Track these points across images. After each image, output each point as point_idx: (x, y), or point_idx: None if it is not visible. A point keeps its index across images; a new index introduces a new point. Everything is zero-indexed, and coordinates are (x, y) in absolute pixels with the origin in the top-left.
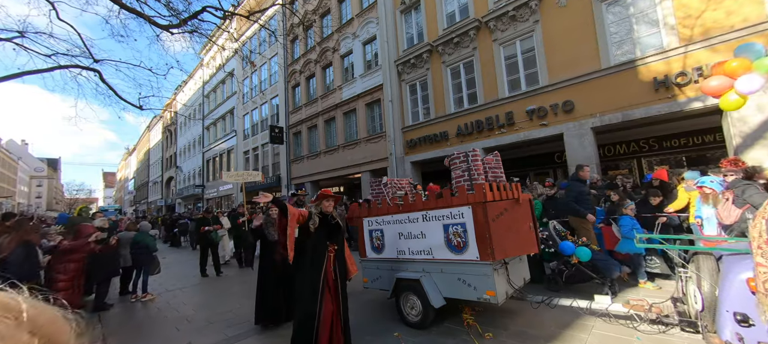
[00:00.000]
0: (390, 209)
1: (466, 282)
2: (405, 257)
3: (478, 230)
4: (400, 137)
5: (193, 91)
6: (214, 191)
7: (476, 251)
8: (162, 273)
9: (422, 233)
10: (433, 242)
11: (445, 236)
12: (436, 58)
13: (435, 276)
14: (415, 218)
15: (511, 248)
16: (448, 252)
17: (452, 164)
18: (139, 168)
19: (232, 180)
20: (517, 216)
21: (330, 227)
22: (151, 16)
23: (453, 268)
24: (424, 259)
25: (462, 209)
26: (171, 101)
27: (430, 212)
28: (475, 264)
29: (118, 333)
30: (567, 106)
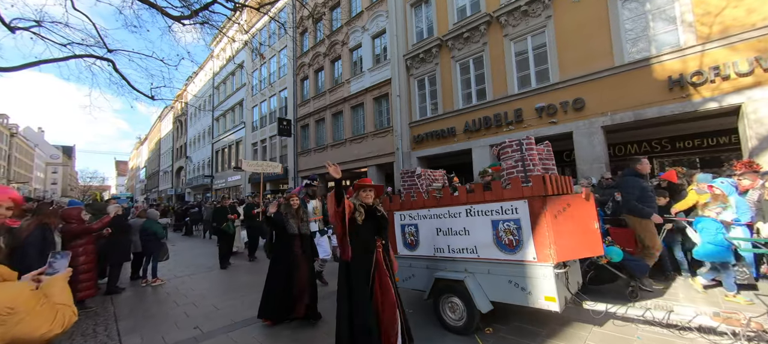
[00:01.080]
0: (427, 202)
1: (518, 286)
2: (444, 255)
3: (536, 227)
4: (408, 132)
5: (204, 82)
6: (223, 181)
7: (533, 251)
8: (172, 259)
9: (465, 230)
10: (479, 240)
11: (494, 233)
12: (445, 53)
13: (480, 277)
14: (456, 213)
15: (574, 249)
16: (497, 251)
17: (503, 153)
18: (151, 157)
19: (251, 169)
20: (582, 213)
21: (376, 219)
22: (163, 7)
23: (503, 269)
24: (467, 258)
25: (516, 203)
26: (182, 91)
27: (476, 206)
28: (531, 265)
29: (129, 316)
30: (577, 104)
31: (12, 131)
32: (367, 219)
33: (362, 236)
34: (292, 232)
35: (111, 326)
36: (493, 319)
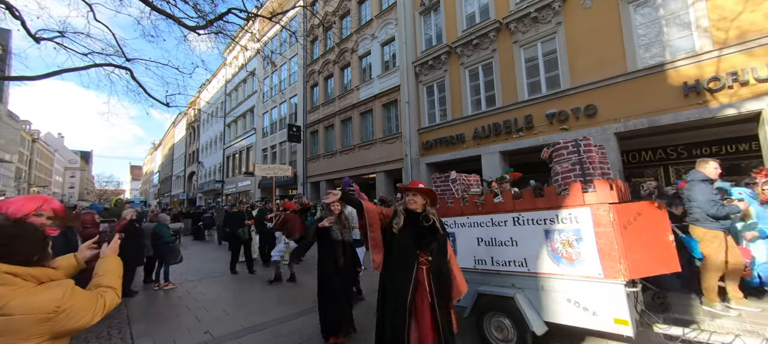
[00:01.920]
0: (465, 208)
1: (580, 305)
2: (486, 267)
3: (601, 239)
4: (416, 139)
5: (216, 89)
6: (233, 186)
7: (598, 266)
8: (184, 264)
9: (513, 240)
10: (530, 252)
11: (549, 244)
12: (454, 59)
13: (532, 293)
14: (501, 221)
15: (648, 265)
16: (553, 265)
17: (557, 155)
18: (164, 162)
19: (263, 173)
20: (655, 223)
21: (419, 229)
22: (179, 18)
23: (559, 285)
24: (514, 271)
25: (576, 211)
26: (195, 98)
27: (525, 214)
28: (596, 282)
29: (142, 320)
30: (589, 110)
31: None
32: (406, 228)
33: (397, 249)
34: (335, 238)
35: (124, 329)
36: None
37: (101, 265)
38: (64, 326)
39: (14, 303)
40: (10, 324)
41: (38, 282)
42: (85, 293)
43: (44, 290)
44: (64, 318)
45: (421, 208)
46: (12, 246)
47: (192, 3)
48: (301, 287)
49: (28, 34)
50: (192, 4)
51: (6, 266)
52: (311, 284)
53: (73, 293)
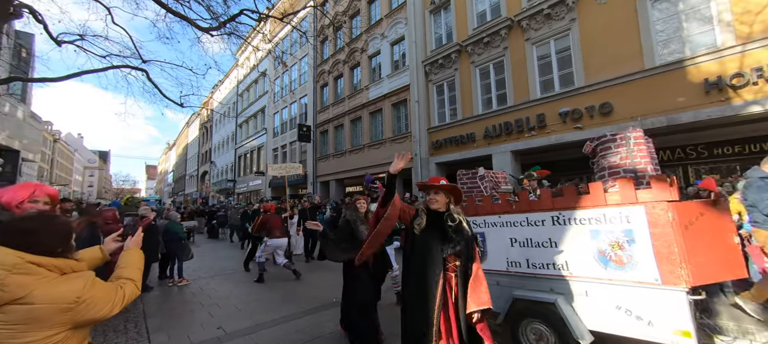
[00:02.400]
0: (496, 207)
1: (632, 313)
2: (522, 270)
3: (659, 241)
4: (426, 138)
5: (228, 90)
6: (244, 185)
7: (655, 270)
8: (197, 261)
9: (552, 241)
10: (572, 254)
11: (595, 246)
12: (464, 58)
13: (573, 298)
14: (538, 221)
15: (713, 270)
16: (600, 269)
17: (603, 149)
18: (178, 162)
19: (275, 172)
20: (719, 224)
21: (444, 230)
22: (193, 20)
23: (608, 291)
24: (554, 275)
25: (627, 210)
26: (208, 99)
27: (567, 213)
28: (652, 288)
29: (157, 314)
30: (605, 108)
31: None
32: (430, 229)
33: (420, 252)
34: (361, 239)
35: (140, 323)
36: None
37: (123, 258)
38: (85, 316)
39: (37, 293)
40: (33, 312)
41: (61, 272)
42: (105, 284)
43: (66, 281)
44: (85, 309)
45: (445, 207)
46: (37, 237)
47: (205, 4)
48: (308, 285)
49: (51, 38)
50: (205, 6)
51: (30, 256)
52: (318, 282)
53: (94, 284)
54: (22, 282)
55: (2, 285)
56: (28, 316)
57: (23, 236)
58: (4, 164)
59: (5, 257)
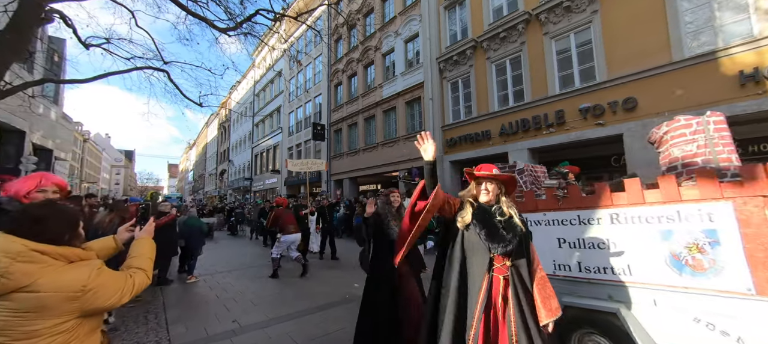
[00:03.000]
0: (540, 204)
1: (715, 328)
2: (571, 274)
3: (752, 243)
4: (440, 136)
5: (245, 90)
6: (261, 183)
7: (748, 277)
8: (216, 256)
9: (609, 242)
10: (635, 257)
11: (667, 248)
12: (480, 54)
13: (638, 308)
14: (591, 219)
15: None
16: (673, 275)
17: (675, 136)
18: (198, 161)
19: (296, 168)
20: None
21: (493, 226)
22: (211, 21)
23: (683, 301)
24: (612, 281)
25: (709, 206)
26: (226, 99)
27: (629, 210)
28: (743, 299)
29: (176, 306)
30: (628, 103)
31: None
32: (476, 224)
33: (461, 250)
34: (394, 238)
35: (160, 315)
36: None
37: (134, 247)
38: (92, 304)
39: (42, 281)
40: (40, 300)
41: (68, 261)
42: (113, 273)
43: (72, 269)
44: (92, 297)
45: (495, 198)
46: (45, 224)
47: (223, 6)
48: (321, 281)
49: (79, 41)
50: (223, 7)
51: (34, 244)
52: (330, 279)
53: (100, 273)
54: (27, 270)
55: (7, 274)
56: (36, 304)
57: (31, 224)
58: (39, 162)
59: (10, 245)
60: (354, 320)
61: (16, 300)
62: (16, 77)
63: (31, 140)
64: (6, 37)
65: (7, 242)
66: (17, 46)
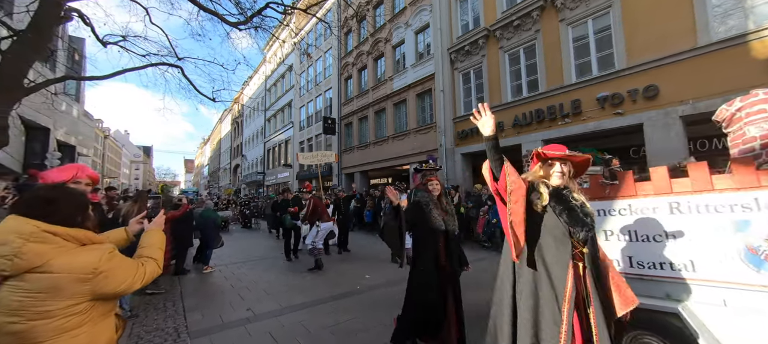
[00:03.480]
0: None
1: None
2: (619, 269)
3: None
4: (451, 128)
5: (257, 85)
6: (273, 178)
7: None
8: (231, 248)
9: (667, 234)
10: (700, 251)
11: (742, 241)
12: (492, 43)
13: (703, 308)
14: (646, 208)
15: None
16: (748, 271)
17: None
18: (212, 156)
19: (307, 161)
20: None
21: (571, 209)
22: (222, 15)
23: (761, 301)
24: (671, 277)
25: None
26: (239, 95)
27: (693, 198)
28: None
29: (193, 295)
30: (650, 91)
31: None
32: (554, 207)
33: (541, 236)
34: (437, 227)
35: (178, 302)
36: None
37: (145, 238)
38: (104, 288)
39: (55, 262)
40: (53, 281)
41: (80, 243)
42: (125, 259)
43: (84, 251)
44: (103, 280)
45: (566, 182)
46: (56, 206)
47: (234, 0)
48: (334, 273)
49: (97, 39)
50: (234, 2)
51: (46, 225)
52: (344, 270)
53: (112, 257)
54: (39, 250)
55: (20, 254)
56: (48, 285)
57: (43, 205)
58: (62, 158)
59: (23, 226)
60: (365, 310)
61: (30, 280)
62: (39, 76)
63: (56, 136)
64: (28, 36)
65: (20, 223)
66: (39, 45)
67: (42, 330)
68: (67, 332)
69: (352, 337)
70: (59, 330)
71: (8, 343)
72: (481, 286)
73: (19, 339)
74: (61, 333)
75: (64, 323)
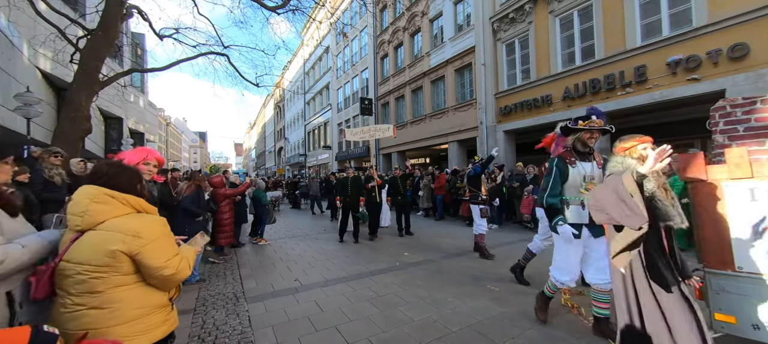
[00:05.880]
0: None
1: None
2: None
3: None
4: (493, 104)
5: (296, 69)
6: (314, 159)
7: None
8: (278, 225)
9: None
10: None
11: None
12: (541, 7)
13: None
14: None
15: None
16: None
17: None
18: (258, 139)
19: (356, 138)
20: None
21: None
22: (262, 0)
23: None
24: None
25: None
26: (280, 79)
27: None
28: None
29: (247, 265)
30: (736, 51)
31: (167, 121)
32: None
33: None
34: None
35: (235, 272)
36: None
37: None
38: (140, 255)
39: (111, 222)
40: (107, 240)
41: (135, 210)
42: (170, 237)
43: (135, 217)
44: (141, 247)
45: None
46: (110, 176)
47: None
48: (374, 250)
49: (154, 33)
50: None
51: (105, 189)
52: (383, 247)
53: (155, 224)
54: (101, 209)
55: (87, 211)
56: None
57: (103, 175)
58: (135, 144)
59: (90, 189)
60: (403, 285)
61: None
62: (110, 70)
63: (128, 125)
64: (99, 34)
65: (88, 188)
66: (108, 41)
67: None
68: (120, 285)
69: (391, 309)
70: (113, 284)
71: (79, 289)
72: None
73: (85, 286)
74: (115, 285)
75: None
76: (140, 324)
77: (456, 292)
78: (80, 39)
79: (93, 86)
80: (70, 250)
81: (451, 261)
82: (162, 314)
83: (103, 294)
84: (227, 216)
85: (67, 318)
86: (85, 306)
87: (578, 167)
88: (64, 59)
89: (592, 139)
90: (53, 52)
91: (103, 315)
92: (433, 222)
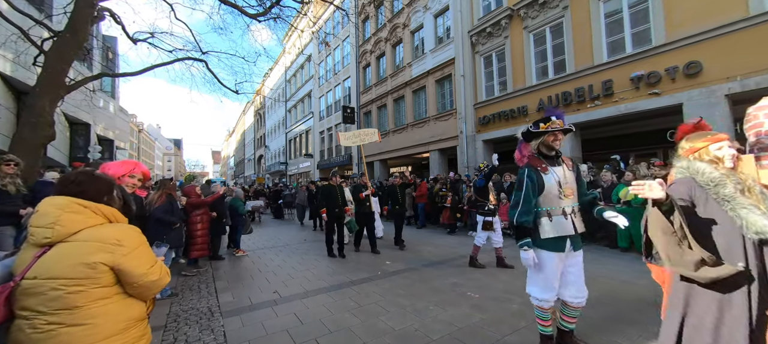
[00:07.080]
0: None
1: None
2: None
3: None
4: (472, 114)
5: (278, 76)
6: (295, 167)
7: None
8: (257, 235)
9: None
10: None
11: None
12: (516, 23)
13: None
14: None
15: None
16: None
17: None
18: (238, 147)
19: (348, 143)
20: None
21: None
22: (242, 7)
23: None
24: None
25: None
26: (260, 86)
27: None
28: None
29: (224, 278)
30: (691, 68)
31: (139, 128)
32: None
33: None
34: None
35: (210, 285)
36: None
37: None
38: (123, 263)
39: (85, 232)
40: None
41: (107, 220)
42: (146, 247)
43: (112, 226)
44: (123, 254)
45: None
46: (80, 186)
47: None
48: (355, 261)
49: (128, 37)
50: None
51: (76, 199)
52: (363, 256)
53: (133, 234)
54: (74, 218)
55: (58, 221)
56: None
57: (71, 185)
58: (103, 151)
59: (59, 200)
60: (385, 294)
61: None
62: (78, 74)
63: (96, 131)
64: (66, 36)
65: (56, 199)
66: (76, 44)
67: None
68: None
69: (372, 318)
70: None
71: (53, 307)
72: None
73: (62, 302)
74: (95, 298)
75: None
76: (119, 340)
77: (437, 300)
78: (45, 41)
79: (58, 90)
80: (36, 266)
81: (433, 270)
82: (140, 328)
83: (82, 310)
84: (200, 227)
85: (38, 340)
86: (62, 325)
87: (551, 173)
88: (27, 62)
89: (557, 141)
90: (14, 54)
91: (82, 332)
92: (414, 230)
